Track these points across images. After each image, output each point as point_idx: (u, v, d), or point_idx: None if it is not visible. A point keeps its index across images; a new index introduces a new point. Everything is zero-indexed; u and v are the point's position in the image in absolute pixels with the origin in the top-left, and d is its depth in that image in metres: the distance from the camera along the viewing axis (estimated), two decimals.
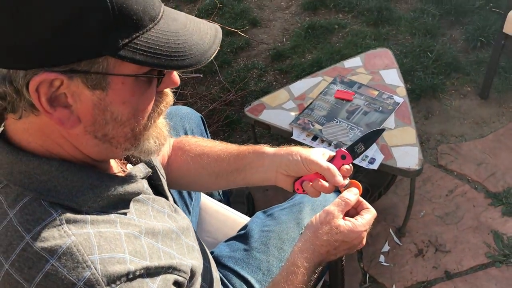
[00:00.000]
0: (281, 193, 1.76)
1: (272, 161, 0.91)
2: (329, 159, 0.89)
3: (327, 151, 0.91)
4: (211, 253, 1.08)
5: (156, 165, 0.82)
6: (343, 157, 0.88)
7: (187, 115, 1.26)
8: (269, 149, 0.93)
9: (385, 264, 1.66)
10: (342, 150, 0.88)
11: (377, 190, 1.71)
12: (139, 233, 0.66)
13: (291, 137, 1.61)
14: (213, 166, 0.96)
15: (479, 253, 1.65)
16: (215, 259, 1.07)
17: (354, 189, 0.87)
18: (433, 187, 1.86)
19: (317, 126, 1.61)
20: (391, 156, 1.52)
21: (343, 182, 0.86)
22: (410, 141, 1.55)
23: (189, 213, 1.20)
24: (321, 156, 0.88)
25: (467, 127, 2.07)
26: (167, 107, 0.68)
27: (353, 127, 1.59)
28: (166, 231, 0.72)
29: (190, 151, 0.99)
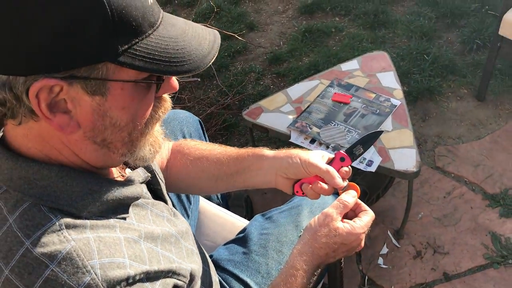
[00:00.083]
0: (279, 196, 1.77)
1: (271, 164, 0.91)
2: (328, 161, 0.89)
3: (326, 153, 0.91)
4: (210, 257, 1.08)
5: (155, 169, 0.82)
6: (342, 159, 0.88)
7: (185, 119, 1.26)
8: (268, 152, 0.93)
9: (384, 266, 1.67)
10: (341, 152, 0.89)
11: (375, 192, 1.71)
12: (139, 238, 0.66)
13: (289, 140, 1.61)
14: (212, 169, 0.96)
15: (477, 255, 1.65)
16: (214, 263, 1.07)
17: (352, 192, 0.87)
18: (431, 189, 1.87)
19: (315, 129, 1.61)
20: (389, 158, 1.53)
21: (343, 184, 0.86)
22: (407, 143, 1.56)
23: (188, 216, 1.20)
24: (320, 158, 0.89)
25: (464, 129, 2.08)
26: (165, 113, 0.68)
27: (350, 130, 1.60)
28: (165, 235, 0.72)
29: (189, 155, 1.00)
